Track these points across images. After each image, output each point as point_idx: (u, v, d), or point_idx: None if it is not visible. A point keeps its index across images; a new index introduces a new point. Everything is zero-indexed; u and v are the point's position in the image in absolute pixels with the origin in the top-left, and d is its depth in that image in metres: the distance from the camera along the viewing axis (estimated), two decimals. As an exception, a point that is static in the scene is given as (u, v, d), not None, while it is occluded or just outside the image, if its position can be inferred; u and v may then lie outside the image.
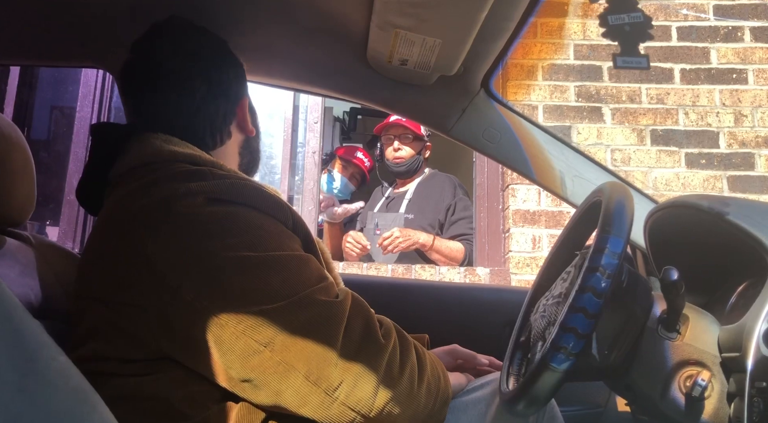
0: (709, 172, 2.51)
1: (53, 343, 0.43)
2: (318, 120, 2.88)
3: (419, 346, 0.86)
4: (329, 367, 0.71)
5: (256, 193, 0.80)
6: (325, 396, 0.71)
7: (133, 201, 0.81)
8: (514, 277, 2.45)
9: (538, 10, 1.00)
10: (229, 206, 0.77)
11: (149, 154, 0.87)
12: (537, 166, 1.27)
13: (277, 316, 0.71)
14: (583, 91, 2.60)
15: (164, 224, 0.76)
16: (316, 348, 0.71)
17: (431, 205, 2.60)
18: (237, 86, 1.00)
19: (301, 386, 0.71)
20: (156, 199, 0.78)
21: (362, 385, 0.73)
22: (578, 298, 0.75)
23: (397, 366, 0.77)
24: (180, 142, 0.89)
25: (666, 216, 0.98)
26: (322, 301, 0.74)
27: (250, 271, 0.73)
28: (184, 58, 0.95)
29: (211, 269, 0.73)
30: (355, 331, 0.75)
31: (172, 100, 0.94)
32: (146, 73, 0.96)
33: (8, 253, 0.92)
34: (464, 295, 1.57)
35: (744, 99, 2.56)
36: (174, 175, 0.81)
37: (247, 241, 0.75)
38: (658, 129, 2.56)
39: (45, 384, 0.39)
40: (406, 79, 1.20)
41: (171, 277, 0.74)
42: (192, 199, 0.77)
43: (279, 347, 0.71)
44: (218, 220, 0.76)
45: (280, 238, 0.79)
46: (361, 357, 0.73)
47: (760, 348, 0.70)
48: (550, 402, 0.97)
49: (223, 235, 0.75)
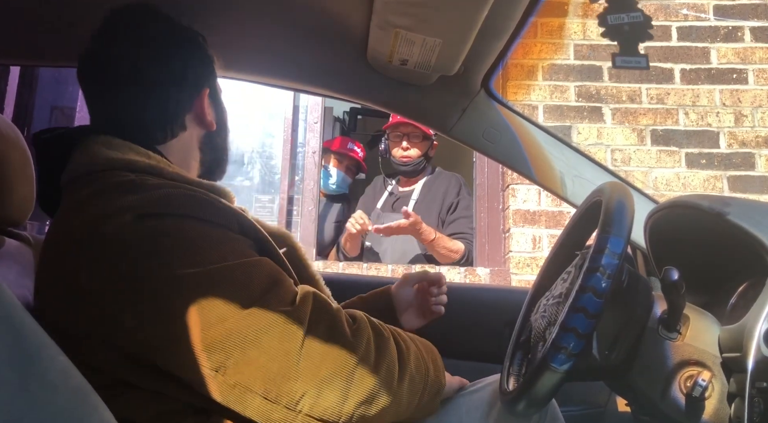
0: (710, 172, 2.51)
1: (53, 343, 0.43)
2: (318, 120, 2.88)
3: (402, 337, 0.82)
4: (288, 381, 0.68)
5: (190, 202, 0.75)
6: (287, 411, 0.68)
7: (67, 221, 0.78)
8: (514, 278, 2.45)
9: (538, 10, 1.00)
10: (161, 220, 0.72)
11: (86, 162, 0.83)
12: (537, 166, 1.27)
13: (225, 336, 0.67)
14: (583, 91, 2.60)
15: (94, 250, 0.72)
16: (272, 363, 0.67)
17: (436, 206, 2.60)
18: (195, 75, 0.93)
19: (260, 405, 0.68)
20: (84, 220, 0.74)
21: (327, 394, 0.69)
22: (579, 298, 0.75)
23: (371, 366, 0.73)
24: (121, 144, 0.84)
25: (666, 216, 0.98)
26: (276, 312, 0.70)
27: (191, 292, 0.69)
28: (133, 45, 0.89)
29: (149, 294, 0.69)
30: (317, 337, 0.70)
31: (120, 92, 0.89)
32: (96, 66, 0.90)
33: (7, 254, 0.92)
34: (464, 295, 1.57)
35: (744, 99, 2.56)
36: (103, 190, 0.77)
37: (184, 257, 0.70)
38: (658, 129, 2.56)
39: (45, 384, 0.39)
40: (407, 79, 1.20)
41: (109, 307, 0.70)
42: (120, 218, 0.72)
43: (231, 370, 0.67)
44: (150, 238, 0.71)
45: (221, 245, 0.73)
46: (325, 364, 0.70)
47: (760, 348, 0.70)
48: (551, 402, 0.97)
49: (156, 254, 0.71)
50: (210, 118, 0.96)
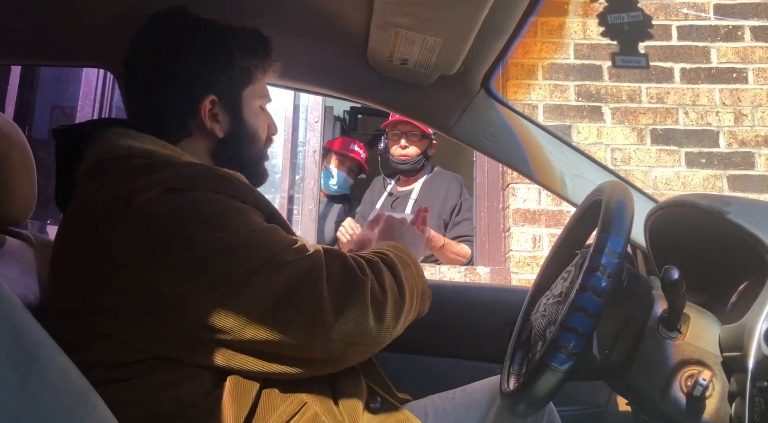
0: (709, 171, 2.51)
1: (53, 343, 0.43)
2: (318, 119, 2.88)
3: (392, 261, 0.88)
4: (322, 312, 0.74)
5: (215, 178, 0.81)
6: (325, 338, 0.75)
7: (93, 203, 0.80)
8: (514, 277, 2.45)
9: (538, 9, 1.00)
10: (188, 193, 0.78)
11: (104, 151, 0.86)
12: (537, 165, 1.27)
13: (260, 286, 0.74)
14: (583, 91, 2.60)
15: (127, 222, 0.75)
16: (306, 300, 0.74)
17: (437, 206, 2.59)
18: (201, 81, 0.92)
19: (300, 335, 0.74)
20: (115, 196, 0.78)
21: (358, 321, 0.77)
22: (579, 298, 0.75)
23: (378, 292, 0.81)
24: (138, 135, 0.87)
25: (666, 215, 0.98)
26: (298, 259, 0.77)
27: (223, 253, 0.74)
28: (147, 47, 0.93)
29: (186, 259, 0.73)
30: (335, 275, 0.78)
31: (138, 90, 0.94)
32: (131, 65, 0.95)
33: (8, 253, 0.92)
34: (464, 295, 1.57)
35: (744, 98, 2.56)
36: (131, 171, 0.81)
37: (213, 224, 0.76)
38: (658, 128, 2.56)
39: (45, 384, 0.39)
40: (407, 78, 1.20)
41: (145, 275, 0.73)
42: (150, 191, 0.76)
43: (270, 312, 0.73)
44: (180, 209, 0.76)
45: (244, 215, 0.80)
46: (348, 295, 0.77)
47: (761, 347, 0.70)
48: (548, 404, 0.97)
49: (187, 223, 0.76)
50: (210, 126, 0.93)
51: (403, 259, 0.91)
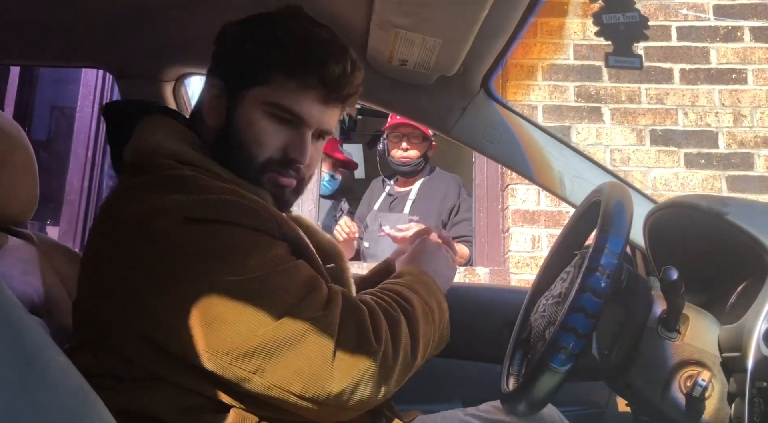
0: (708, 172, 2.52)
1: (53, 343, 0.43)
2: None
3: (414, 316, 0.82)
4: (324, 381, 0.71)
5: (237, 209, 0.76)
6: (324, 405, 0.72)
7: (116, 210, 0.79)
8: (513, 277, 2.45)
9: (538, 10, 1.00)
10: (207, 225, 0.74)
11: (137, 144, 0.85)
12: (536, 166, 1.27)
13: (263, 342, 0.70)
14: (582, 92, 2.60)
15: (140, 244, 0.73)
16: (309, 365, 0.71)
17: (435, 207, 2.59)
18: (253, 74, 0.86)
19: (297, 401, 0.71)
20: (133, 213, 0.75)
21: (362, 390, 0.73)
22: (578, 298, 0.75)
23: (390, 358, 0.76)
24: (174, 129, 0.86)
25: (665, 216, 0.98)
26: (310, 318, 0.72)
27: (231, 299, 0.71)
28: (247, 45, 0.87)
29: (190, 295, 0.70)
30: (348, 340, 0.73)
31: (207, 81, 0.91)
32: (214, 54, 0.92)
33: (11, 252, 0.92)
34: (464, 295, 1.57)
35: (743, 99, 2.56)
36: (155, 183, 0.78)
37: (226, 264, 0.72)
38: (657, 129, 2.56)
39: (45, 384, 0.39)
40: (406, 79, 1.20)
41: (149, 301, 0.72)
42: (169, 217, 0.73)
43: (269, 373, 0.70)
44: (196, 242, 0.73)
45: (263, 253, 0.75)
46: (356, 363, 0.72)
47: (760, 348, 0.70)
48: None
49: (201, 258, 0.72)
50: (209, 112, 0.89)
51: (426, 309, 0.85)
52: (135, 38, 1.18)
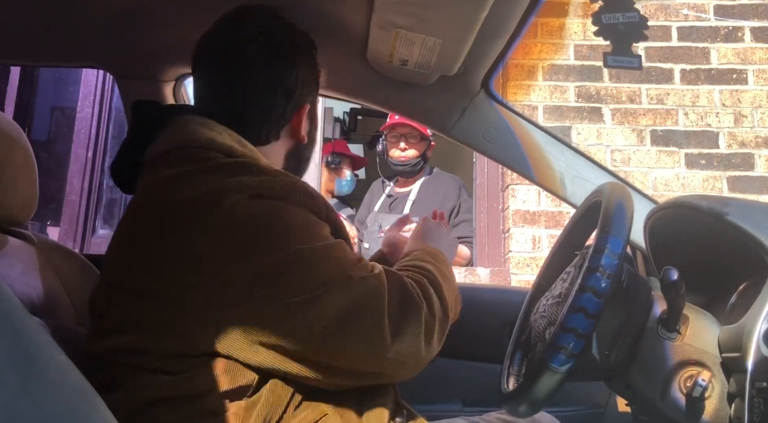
0: (709, 172, 2.52)
1: (53, 343, 0.43)
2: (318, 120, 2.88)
3: (436, 279, 0.90)
4: (381, 334, 0.76)
5: (299, 190, 0.82)
6: (380, 357, 0.77)
7: (176, 191, 0.80)
8: (514, 278, 2.45)
9: (538, 10, 1.00)
10: (273, 202, 0.79)
11: (184, 138, 0.86)
12: (537, 166, 1.27)
13: (327, 300, 0.75)
14: (583, 92, 2.60)
15: (214, 220, 0.76)
16: (368, 319, 0.76)
17: (435, 206, 2.59)
18: (303, 90, 0.96)
19: (357, 356, 0.76)
20: (203, 191, 0.78)
21: (411, 342, 0.79)
22: (578, 298, 0.75)
23: (428, 315, 0.83)
24: (220, 128, 0.87)
25: (666, 216, 0.98)
26: (365, 277, 0.79)
27: (299, 263, 0.76)
28: (261, 47, 0.93)
29: (263, 265, 0.75)
30: (395, 297, 0.80)
31: (233, 88, 0.92)
32: (217, 53, 0.94)
33: (10, 253, 0.92)
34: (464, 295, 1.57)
35: (744, 99, 2.56)
36: (219, 167, 0.81)
37: (294, 234, 0.78)
38: (657, 129, 2.56)
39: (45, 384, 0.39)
40: (407, 79, 1.21)
41: (223, 274, 0.74)
42: (239, 194, 0.77)
43: (332, 329, 0.74)
44: (266, 215, 0.78)
45: (320, 229, 0.82)
46: (405, 319, 0.79)
47: (760, 348, 0.70)
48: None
49: (271, 229, 0.77)
50: (304, 132, 0.98)
51: (443, 273, 0.93)
52: (135, 38, 1.18)
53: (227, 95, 0.93)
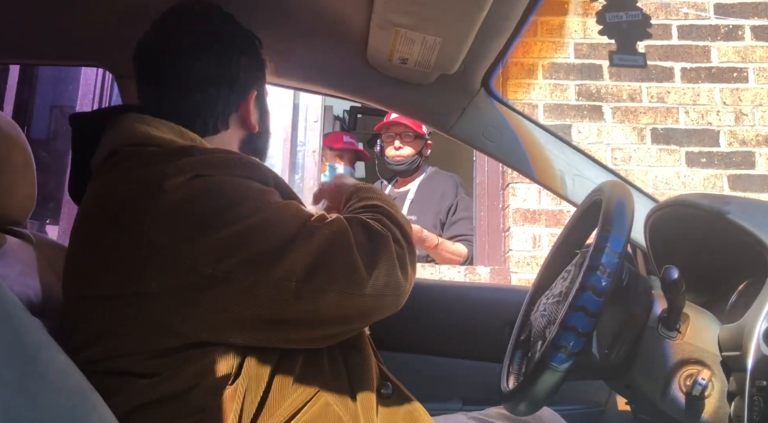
0: (710, 170, 2.51)
1: (53, 343, 0.43)
2: (318, 119, 2.88)
3: (388, 211, 0.90)
4: (356, 271, 0.77)
5: (241, 163, 0.83)
6: (361, 296, 0.77)
7: (117, 189, 0.80)
8: (514, 276, 2.45)
9: (538, 8, 1.00)
10: (215, 178, 0.79)
11: (123, 137, 0.86)
12: (537, 164, 1.27)
13: (292, 258, 0.75)
14: (583, 90, 2.59)
15: (160, 208, 0.76)
16: (340, 261, 0.77)
17: (433, 206, 2.60)
18: (247, 78, 0.97)
19: (337, 301, 0.76)
20: (142, 182, 0.78)
21: (387, 273, 0.79)
22: (578, 297, 0.75)
23: (396, 244, 0.83)
24: (158, 123, 0.87)
25: (666, 215, 0.98)
26: (325, 225, 0.80)
27: (258, 228, 0.76)
28: (196, 38, 0.93)
29: (222, 237, 0.75)
30: (360, 235, 0.81)
31: (172, 83, 0.92)
32: (152, 53, 0.94)
33: (9, 252, 0.92)
34: (464, 295, 1.57)
35: (744, 98, 2.56)
36: (155, 157, 0.81)
37: (244, 203, 0.78)
38: (658, 128, 2.56)
39: (45, 384, 0.39)
40: (407, 77, 1.20)
41: (183, 256, 0.74)
42: (181, 176, 0.77)
43: (306, 276, 0.75)
44: (212, 191, 0.78)
45: (268, 195, 0.82)
46: (376, 252, 0.80)
47: (760, 347, 0.70)
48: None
49: (220, 203, 0.77)
50: (254, 120, 0.98)
51: (390, 203, 0.93)
52: (135, 37, 1.18)
53: (166, 89, 0.93)
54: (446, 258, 2.44)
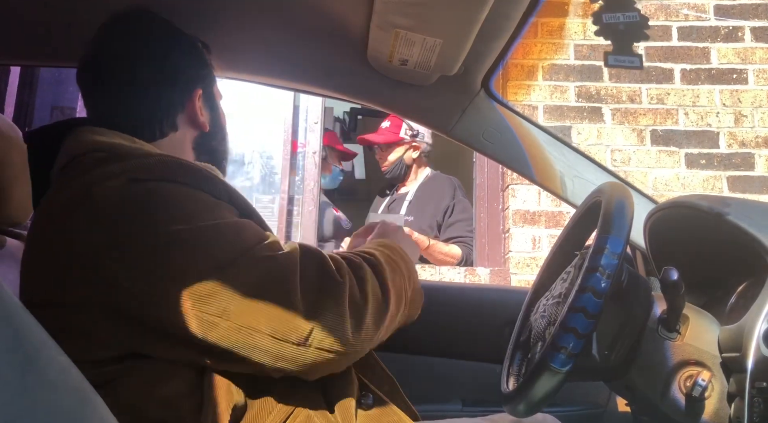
0: (709, 172, 2.51)
1: (53, 343, 0.43)
2: (318, 120, 2.88)
3: (378, 262, 0.84)
4: (295, 319, 0.71)
5: (183, 169, 0.78)
6: (297, 347, 0.71)
7: (59, 196, 0.79)
8: (514, 278, 2.45)
9: (538, 10, 1.00)
10: (154, 183, 0.75)
11: (72, 148, 0.84)
12: (537, 166, 1.27)
13: (224, 283, 0.69)
14: (583, 92, 2.60)
15: (87, 213, 0.73)
16: (275, 305, 0.70)
17: (431, 208, 2.62)
18: (190, 76, 0.95)
19: (270, 345, 0.70)
20: (77, 188, 0.76)
21: (334, 326, 0.72)
22: (578, 298, 0.75)
23: (358, 296, 0.76)
24: (108, 132, 0.85)
25: (666, 216, 0.98)
26: (268, 257, 0.73)
27: (186, 245, 0.71)
28: (129, 46, 0.92)
29: (145, 250, 0.71)
30: (310, 277, 0.74)
31: (113, 90, 0.91)
32: (92, 65, 0.93)
33: (8, 253, 0.92)
34: (464, 295, 1.57)
35: (744, 99, 2.56)
36: (93, 162, 0.79)
37: (178, 215, 0.73)
38: (658, 129, 2.56)
39: (45, 384, 0.39)
40: (407, 79, 1.20)
41: (107, 267, 0.71)
42: (111, 181, 0.74)
43: (235, 314, 0.69)
44: (144, 198, 0.74)
45: (213, 208, 0.76)
46: (324, 300, 0.73)
47: (760, 348, 0.70)
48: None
49: (151, 213, 0.73)
50: (203, 119, 0.95)
51: (391, 260, 0.87)
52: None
53: (108, 96, 0.91)
54: (439, 259, 2.46)
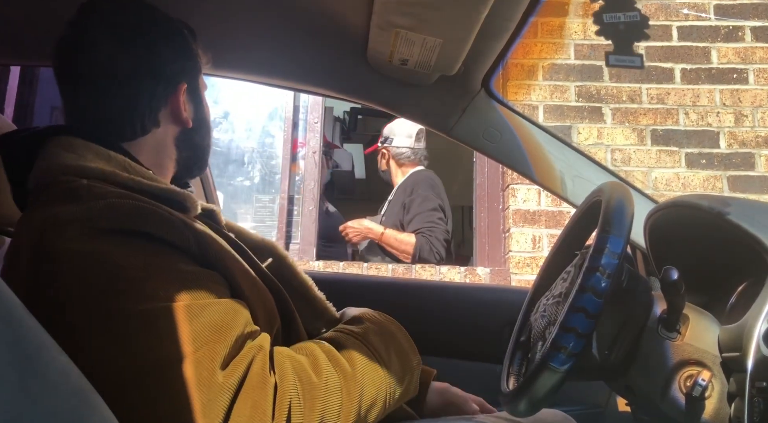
0: (710, 172, 2.51)
1: (53, 343, 0.43)
2: (318, 120, 2.88)
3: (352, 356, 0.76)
4: None
5: (136, 214, 0.70)
6: None
7: (22, 229, 0.74)
8: (514, 277, 2.45)
9: (538, 9, 1.00)
10: (107, 238, 0.68)
11: (44, 169, 0.78)
12: (537, 166, 1.27)
13: (152, 383, 0.62)
14: (583, 91, 2.60)
15: (42, 262, 0.68)
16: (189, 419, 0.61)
17: (397, 207, 2.67)
18: (173, 69, 0.88)
19: None
20: (34, 229, 0.70)
21: None
22: (578, 298, 0.75)
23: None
24: (80, 146, 0.79)
25: (666, 216, 0.98)
26: (203, 375, 0.63)
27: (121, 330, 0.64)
28: (107, 33, 0.84)
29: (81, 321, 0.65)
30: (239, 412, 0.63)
31: (91, 83, 0.84)
32: (68, 55, 0.86)
33: (8, 253, 0.92)
34: (464, 295, 1.57)
35: (744, 99, 2.56)
36: (53, 198, 0.73)
37: (123, 289, 0.66)
38: (658, 129, 2.56)
39: (45, 384, 0.39)
40: (407, 78, 1.20)
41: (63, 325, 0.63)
42: (66, 230, 0.68)
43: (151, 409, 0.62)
44: (93, 260, 0.67)
45: (168, 274, 0.68)
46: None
47: (760, 348, 0.70)
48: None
49: (98, 282, 0.66)
50: (186, 114, 0.90)
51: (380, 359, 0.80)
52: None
53: (86, 90, 0.85)
54: (394, 246, 2.52)
